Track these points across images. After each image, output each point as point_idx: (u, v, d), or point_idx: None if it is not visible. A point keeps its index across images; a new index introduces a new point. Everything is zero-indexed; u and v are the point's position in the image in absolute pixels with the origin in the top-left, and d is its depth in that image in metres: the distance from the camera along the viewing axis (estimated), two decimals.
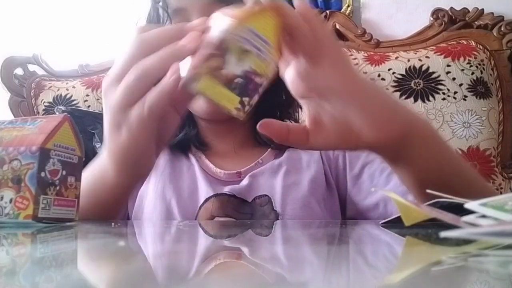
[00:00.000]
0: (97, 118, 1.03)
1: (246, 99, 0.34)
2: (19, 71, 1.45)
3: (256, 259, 0.22)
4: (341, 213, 0.63)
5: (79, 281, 0.17)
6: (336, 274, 0.17)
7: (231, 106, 0.34)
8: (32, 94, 1.41)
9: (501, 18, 1.29)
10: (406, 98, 1.22)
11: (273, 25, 0.35)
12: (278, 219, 0.56)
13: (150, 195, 0.62)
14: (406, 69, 1.24)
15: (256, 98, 0.35)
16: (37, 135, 0.38)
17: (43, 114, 1.33)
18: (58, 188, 0.39)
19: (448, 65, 1.22)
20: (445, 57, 1.24)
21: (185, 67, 0.35)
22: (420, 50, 1.28)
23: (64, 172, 0.39)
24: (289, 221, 0.41)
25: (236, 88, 0.34)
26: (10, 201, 0.37)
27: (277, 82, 0.38)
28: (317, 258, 0.21)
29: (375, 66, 1.26)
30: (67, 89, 1.39)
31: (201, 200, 0.60)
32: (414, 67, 1.24)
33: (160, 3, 0.61)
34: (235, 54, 0.34)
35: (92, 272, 0.18)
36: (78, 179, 0.41)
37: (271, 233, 0.34)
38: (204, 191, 0.61)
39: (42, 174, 0.37)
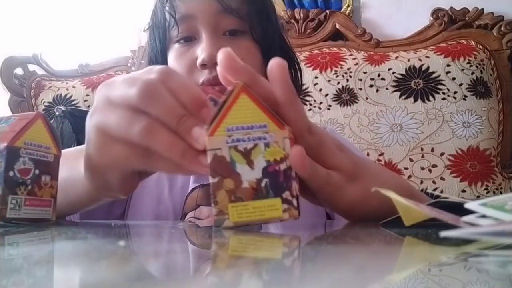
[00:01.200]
0: None
1: (286, 193, 0.30)
2: (19, 71, 1.45)
3: (253, 260, 0.22)
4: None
5: (78, 281, 0.17)
6: (336, 274, 0.17)
7: (278, 213, 0.30)
8: (32, 94, 1.41)
9: (501, 18, 1.29)
10: (406, 98, 1.22)
11: (254, 105, 0.30)
12: None
13: (146, 183, 0.63)
14: (406, 69, 1.24)
15: (295, 184, 0.30)
16: (7, 133, 0.37)
17: None
18: (30, 187, 0.37)
19: (448, 65, 1.22)
20: (445, 57, 1.24)
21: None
22: (420, 50, 1.29)
23: (37, 171, 0.38)
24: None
25: (269, 191, 0.30)
26: None
27: None
28: (317, 258, 0.21)
29: (375, 66, 1.26)
30: (67, 89, 1.39)
31: None
32: (414, 67, 1.24)
33: (167, 8, 0.61)
34: (242, 160, 0.30)
35: (90, 272, 0.18)
36: (54, 178, 0.39)
37: (268, 232, 0.34)
38: (194, 182, 0.62)
39: (11, 173, 0.36)
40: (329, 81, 1.26)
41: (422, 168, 1.18)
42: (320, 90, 1.26)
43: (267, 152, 0.30)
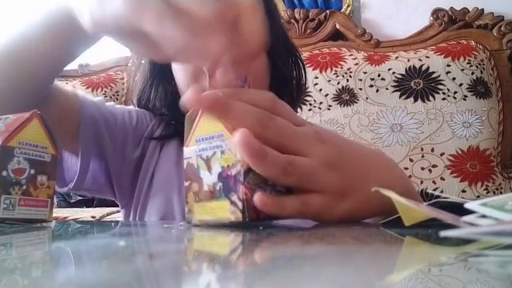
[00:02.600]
0: None
1: (234, 197, 0.32)
2: None
3: (254, 260, 0.22)
4: None
5: (78, 281, 0.17)
6: (336, 274, 0.17)
7: (227, 213, 0.32)
8: None
9: (501, 18, 1.29)
10: (406, 98, 1.22)
11: (215, 118, 0.33)
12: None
13: (156, 182, 0.62)
14: (406, 69, 1.24)
15: (242, 188, 0.32)
16: (1, 133, 0.36)
17: None
18: (24, 187, 0.37)
19: (448, 65, 1.22)
20: (445, 57, 1.24)
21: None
22: (420, 50, 1.29)
23: (32, 171, 0.37)
24: (284, 221, 0.40)
25: (221, 194, 0.32)
26: None
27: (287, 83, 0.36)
28: (316, 258, 0.21)
29: (375, 66, 1.26)
30: None
31: None
32: (414, 67, 1.24)
33: None
34: (204, 166, 0.33)
35: (91, 272, 0.18)
36: (51, 178, 0.39)
37: (269, 233, 0.34)
38: None
39: (4, 173, 0.35)
40: (329, 81, 1.26)
41: (422, 168, 1.18)
42: (320, 90, 1.26)
43: (222, 158, 0.33)
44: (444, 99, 1.21)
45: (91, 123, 0.58)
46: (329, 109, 1.24)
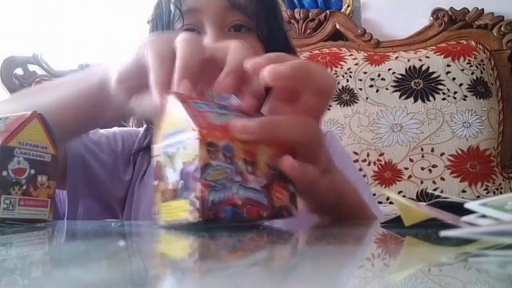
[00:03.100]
0: None
1: (192, 195, 0.29)
2: (19, 71, 1.45)
3: (254, 260, 0.22)
4: None
5: (78, 281, 0.17)
6: (336, 274, 0.17)
7: (186, 214, 0.29)
8: None
9: (501, 18, 1.29)
10: (406, 98, 1.22)
11: (178, 111, 0.31)
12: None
13: (149, 191, 0.63)
14: (406, 69, 1.24)
15: (199, 185, 0.29)
16: (1, 133, 0.36)
17: None
18: (25, 187, 0.37)
19: (448, 65, 1.22)
20: (445, 57, 1.24)
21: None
22: (420, 50, 1.29)
23: (32, 171, 0.37)
24: (282, 221, 0.40)
25: (182, 193, 0.30)
26: None
27: None
28: (317, 258, 0.21)
29: (375, 66, 1.26)
30: None
31: None
32: (414, 67, 1.24)
33: (173, 0, 0.61)
34: (169, 164, 0.31)
35: (91, 272, 0.18)
36: (51, 178, 0.39)
37: (269, 233, 0.34)
38: None
39: (4, 173, 0.35)
40: None
41: (422, 168, 1.18)
42: None
43: (184, 154, 0.30)
44: (444, 99, 1.21)
45: (77, 160, 0.60)
46: (329, 109, 1.24)
